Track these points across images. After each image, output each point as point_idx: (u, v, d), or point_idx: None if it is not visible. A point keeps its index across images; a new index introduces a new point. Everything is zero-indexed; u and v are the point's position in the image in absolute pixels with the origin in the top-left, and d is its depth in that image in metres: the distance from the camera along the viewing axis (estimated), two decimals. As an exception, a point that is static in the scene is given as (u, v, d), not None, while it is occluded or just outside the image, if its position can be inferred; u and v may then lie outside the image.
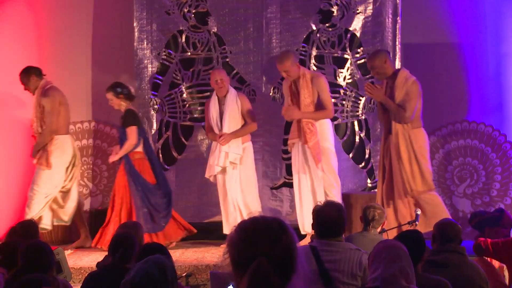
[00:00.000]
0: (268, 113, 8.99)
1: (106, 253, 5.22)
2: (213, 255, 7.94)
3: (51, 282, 4.11)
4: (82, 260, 7.75)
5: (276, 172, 9.05)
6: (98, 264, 5.61)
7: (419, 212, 6.95)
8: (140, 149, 8.39)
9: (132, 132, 8.26)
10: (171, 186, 8.96)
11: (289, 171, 8.80)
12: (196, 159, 9.06)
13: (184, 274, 6.24)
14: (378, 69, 7.68)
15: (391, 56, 8.73)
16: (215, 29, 9.05)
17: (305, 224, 7.96)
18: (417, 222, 6.66)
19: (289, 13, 9.00)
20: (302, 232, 7.99)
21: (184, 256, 7.86)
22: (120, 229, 5.85)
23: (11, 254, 5.02)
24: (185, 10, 9.02)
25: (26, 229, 5.76)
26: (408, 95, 7.57)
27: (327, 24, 9.01)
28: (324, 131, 8.07)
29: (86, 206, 9.50)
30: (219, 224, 8.43)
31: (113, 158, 8.41)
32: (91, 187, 9.65)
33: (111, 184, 9.49)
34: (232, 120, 8.25)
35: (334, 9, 8.99)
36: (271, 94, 8.93)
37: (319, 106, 8.03)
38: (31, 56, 9.50)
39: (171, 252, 4.89)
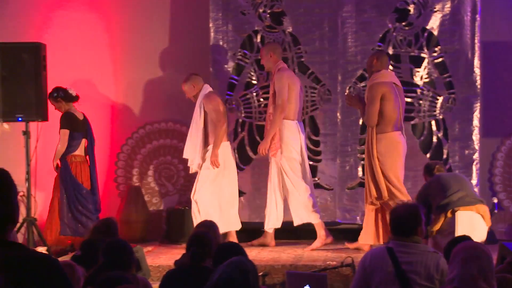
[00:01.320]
0: (344, 113, 8.95)
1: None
2: (289, 255, 7.95)
3: (131, 280, 4.18)
4: (160, 258, 7.85)
5: (352, 172, 9.00)
6: (176, 262, 5.68)
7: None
8: (79, 152, 8.51)
9: (62, 135, 8.43)
10: (247, 186, 9.02)
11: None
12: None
13: (261, 273, 6.25)
14: (368, 67, 8.11)
15: (469, 54, 8.61)
16: (290, 29, 9.06)
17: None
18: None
19: (365, 12, 8.94)
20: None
21: (260, 256, 7.88)
22: (196, 228, 5.91)
23: (92, 252, 5.13)
24: (261, 10, 9.04)
25: (107, 226, 5.86)
26: (367, 99, 7.90)
27: (403, 23, 8.91)
28: (284, 134, 8.30)
29: (164, 205, 9.63)
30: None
31: (53, 162, 8.55)
32: (168, 186, 9.77)
33: (188, 183, 9.59)
34: (194, 124, 8.47)
35: (411, 7, 8.89)
36: (346, 93, 8.89)
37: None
38: (106, 57, 9.68)
39: (248, 251, 4.91)
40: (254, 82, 9.06)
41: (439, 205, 6.93)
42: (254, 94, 9.08)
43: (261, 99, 9.05)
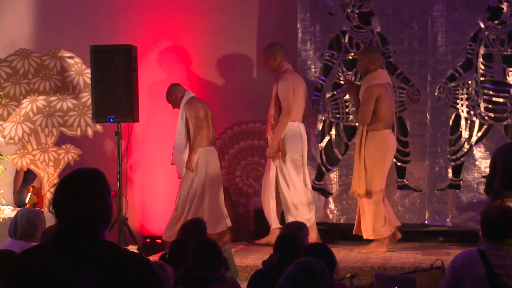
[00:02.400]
0: (433, 114, 8.82)
1: (272, 251, 5.30)
2: (377, 256, 7.88)
3: (220, 280, 4.22)
4: (248, 259, 7.89)
5: (441, 173, 8.85)
6: (263, 263, 5.70)
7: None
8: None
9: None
10: (334, 186, 8.97)
11: (456, 173, 8.63)
12: (359, 159, 9.00)
13: (348, 275, 6.22)
14: (363, 66, 8.25)
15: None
16: (378, 29, 8.97)
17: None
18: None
19: (456, 11, 8.77)
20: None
21: (348, 257, 7.84)
22: (284, 229, 5.92)
23: (181, 251, 5.18)
24: (349, 11, 8.99)
25: (195, 226, 5.93)
26: (363, 98, 8.13)
27: (496, 21, 8.71)
28: (285, 135, 8.45)
29: (252, 205, 9.67)
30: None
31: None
32: (255, 186, 9.82)
33: (275, 184, 9.61)
34: (177, 131, 8.65)
35: (504, 5, 8.68)
36: (436, 93, 8.75)
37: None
38: (194, 58, 9.79)
39: (335, 252, 4.88)
40: (342, 82, 9.01)
41: None
42: (342, 94, 9.04)
43: (348, 100, 9.00)
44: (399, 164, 8.77)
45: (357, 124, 8.96)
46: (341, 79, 9.02)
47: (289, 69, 8.55)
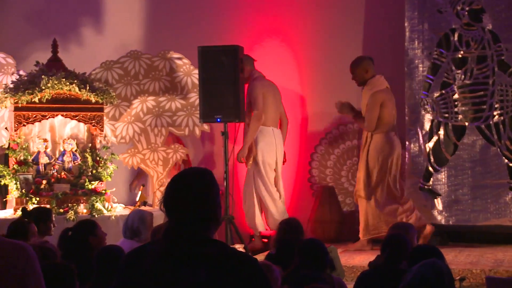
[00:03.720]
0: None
1: (379, 252, 5.25)
2: (488, 259, 7.70)
3: (326, 280, 4.21)
4: (354, 259, 7.85)
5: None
6: (370, 264, 5.65)
7: None
8: None
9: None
10: (442, 188, 8.81)
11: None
12: (469, 160, 8.82)
13: (458, 277, 6.10)
14: (358, 77, 8.43)
15: None
16: (490, 26, 8.75)
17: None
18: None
19: None
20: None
21: (457, 259, 7.70)
22: (391, 229, 5.85)
23: (287, 251, 5.20)
24: (458, 8, 8.81)
25: (290, 226, 5.94)
26: (368, 105, 8.35)
27: None
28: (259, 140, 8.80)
29: (352, 206, 9.61)
30: (494, 228, 8.17)
31: None
32: (360, 187, 9.74)
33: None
34: None
35: None
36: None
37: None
38: (299, 58, 9.80)
39: (444, 253, 4.79)
40: (451, 81, 8.83)
41: None
42: (451, 93, 8.86)
43: (458, 99, 8.82)
44: (510, 164, 8.56)
45: (466, 123, 8.78)
46: (450, 77, 8.85)
47: (259, 76, 8.87)
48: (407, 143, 9.03)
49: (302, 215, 9.04)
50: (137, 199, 8.87)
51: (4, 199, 8.44)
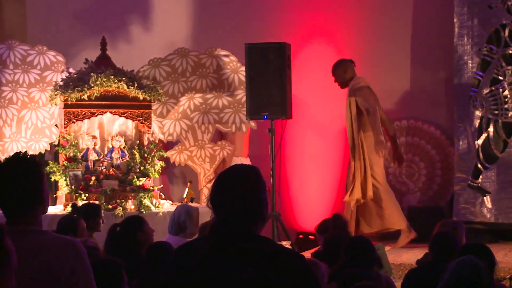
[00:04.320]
0: None
1: (427, 250, 5.21)
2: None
3: (373, 277, 4.20)
4: (402, 257, 7.80)
5: None
6: (418, 261, 5.61)
7: None
8: None
9: None
10: (492, 185, 8.70)
11: None
12: (519, 158, 8.70)
13: (508, 276, 6.02)
14: (338, 77, 8.52)
15: None
16: (542, 22, 8.61)
17: None
18: None
19: None
20: None
21: (507, 258, 7.61)
22: (440, 227, 5.80)
23: (334, 248, 5.19)
24: (509, 4, 8.67)
25: (337, 222, 5.93)
26: (361, 100, 8.31)
27: None
28: None
29: (405, 203, 9.54)
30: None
31: None
32: (409, 184, 9.67)
33: (429, 182, 9.45)
34: None
35: None
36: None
37: None
38: (349, 52, 9.75)
39: (495, 252, 4.74)
40: (501, 78, 8.71)
41: None
42: (501, 90, 8.74)
43: (508, 96, 8.70)
44: None
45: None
46: (500, 74, 8.73)
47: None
48: (455, 140, 8.94)
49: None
50: (184, 195, 8.92)
51: (54, 195, 8.56)
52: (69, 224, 5.73)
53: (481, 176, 8.81)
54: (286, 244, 8.14)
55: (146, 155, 8.72)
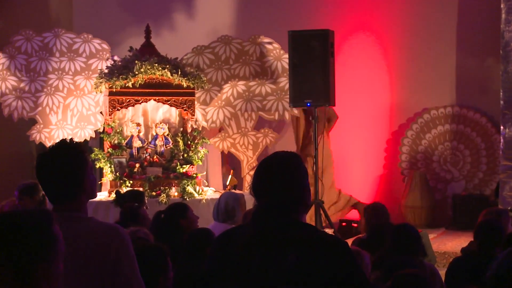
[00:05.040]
0: None
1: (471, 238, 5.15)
2: None
3: (417, 265, 4.17)
4: (446, 245, 7.74)
5: None
6: (463, 250, 5.55)
7: None
8: None
9: None
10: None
11: None
12: None
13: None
14: None
15: None
16: None
17: None
18: None
19: None
20: None
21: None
22: (485, 215, 5.74)
23: (377, 236, 5.16)
24: (557, -12, 8.52)
25: (377, 210, 5.89)
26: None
27: None
28: None
29: (449, 191, 9.47)
30: None
31: None
32: (453, 172, 9.58)
33: (474, 169, 9.35)
34: None
35: None
36: None
37: None
38: (388, 40, 9.68)
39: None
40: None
41: None
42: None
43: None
44: None
45: None
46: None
47: None
48: (501, 127, 8.82)
49: (391, 200, 8.97)
50: (227, 183, 8.95)
51: (99, 182, 8.64)
52: (130, 212, 5.71)
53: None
54: (329, 231, 8.12)
55: (189, 142, 8.75)
